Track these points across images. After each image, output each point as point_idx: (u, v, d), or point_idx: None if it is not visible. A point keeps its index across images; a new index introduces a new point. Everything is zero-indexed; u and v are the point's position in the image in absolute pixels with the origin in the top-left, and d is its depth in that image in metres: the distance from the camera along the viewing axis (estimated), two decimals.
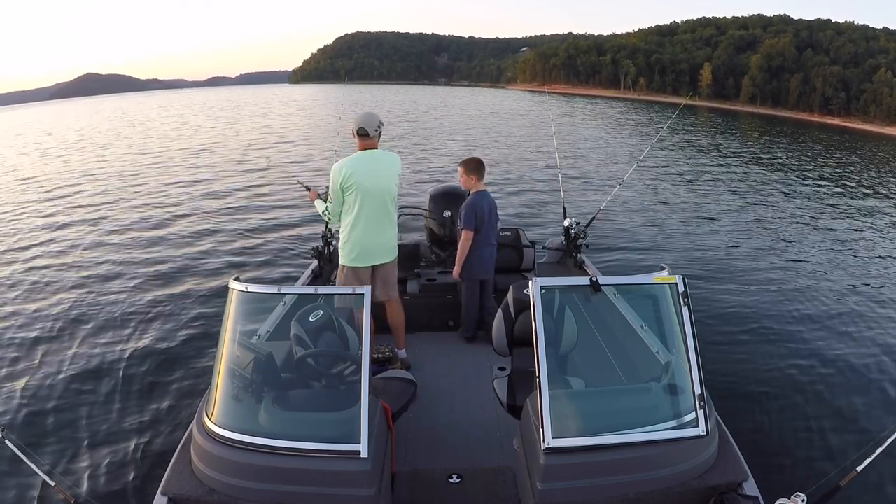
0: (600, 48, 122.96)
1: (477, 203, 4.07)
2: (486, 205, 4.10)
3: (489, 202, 4.15)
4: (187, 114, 47.09)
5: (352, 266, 3.61)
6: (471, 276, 4.20)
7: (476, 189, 4.13)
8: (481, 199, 4.10)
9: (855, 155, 27.46)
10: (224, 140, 25.86)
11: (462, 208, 4.10)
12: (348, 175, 3.44)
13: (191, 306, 6.48)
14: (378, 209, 3.54)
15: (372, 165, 3.50)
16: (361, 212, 3.51)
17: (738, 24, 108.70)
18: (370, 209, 3.51)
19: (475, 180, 4.10)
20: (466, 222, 4.03)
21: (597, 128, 33.18)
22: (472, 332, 4.36)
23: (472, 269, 4.18)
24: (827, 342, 5.73)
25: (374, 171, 3.50)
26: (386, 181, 3.54)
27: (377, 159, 3.55)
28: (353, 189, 3.46)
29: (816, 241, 10.10)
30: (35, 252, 8.94)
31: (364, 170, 3.47)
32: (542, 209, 11.18)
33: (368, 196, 3.49)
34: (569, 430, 2.10)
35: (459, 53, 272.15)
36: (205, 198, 12.92)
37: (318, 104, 53.00)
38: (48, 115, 62.64)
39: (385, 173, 3.54)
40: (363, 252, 3.59)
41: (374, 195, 3.50)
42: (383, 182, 3.52)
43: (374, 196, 3.50)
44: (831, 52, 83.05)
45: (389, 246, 3.68)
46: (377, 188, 3.50)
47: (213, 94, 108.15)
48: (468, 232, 4.03)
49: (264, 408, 2.26)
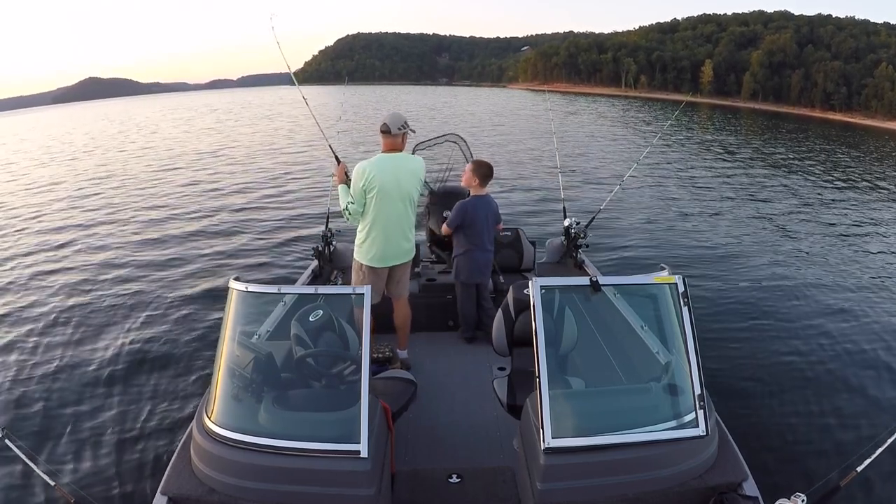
0: (601, 46, 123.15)
1: (469, 206, 4.05)
2: (480, 209, 4.06)
3: (487, 208, 4.10)
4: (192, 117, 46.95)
5: (370, 265, 3.63)
6: (463, 278, 4.21)
7: (476, 192, 4.12)
8: (477, 202, 4.08)
9: (857, 150, 27.48)
10: (228, 141, 25.88)
11: (455, 206, 4.10)
12: (371, 177, 3.43)
13: (191, 306, 6.48)
14: (397, 212, 3.55)
15: (394, 168, 3.49)
16: (381, 213, 3.51)
17: (738, 21, 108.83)
18: (389, 211, 3.52)
19: (477, 184, 4.07)
20: (450, 221, 4.10)
21: (598, 126, 33.16)
22: (470, 332, 4.37)
23: (464, 272, 4.18)
24: (827, 342, 5.73)
25: (396, 174, 3.48)
26: (407, 185, 3.53)
27: (399, 162, 3.53)
28: (374, 191, 3.46)
29: (817, 239, 10.09)
30: (34, 252, 8.96)
31: (386, 172, 3.46)
32: (542, 209, 11.17)
33: (389, 198, 3.49)
34: (569, 430, 2.10)
35: (461, 53, 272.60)
36: (205, 198, 12.93)
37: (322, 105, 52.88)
38: (52, 121, 62.24)
39: (406, 177, 3.53)
40: (380, 253, 3.60)
41: (395, 198, 3.50)
42: (404, 186, 3.52)
43: (394, 199, 3.50)
44: (832, 48, 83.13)
45: (406, 248, 3.70)
46: (398, 191, 3.50)
47: (216, 97, 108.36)
48: (446, 227, 4.13)
49: (264, 407, 2.26)
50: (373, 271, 3.64)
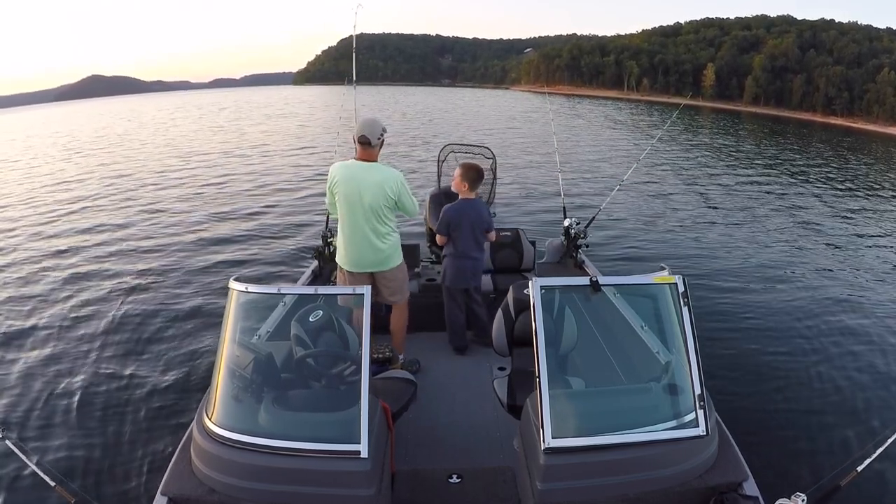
0: (604, 49, 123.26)
1: (454, 210, 3.94)
2: (465, 214, 3.93)
3: (473, 213, 3.95)
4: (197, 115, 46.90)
5: (345, 268, 3.62)
6: (447, 283, 4.09)
7: (464, 196, 3.99)
8: (462, 207, 3.95)
9: (858, 154, 27.45)
10: (229, 140, 25.88)
11: (441, 211, 4.04)
12: (335, 182, 3.42)
13: (191, 306, 6.48)
14: (358, 221, 3.44)
15: (358, 180, 3.37)
16: (344, 219, 3.49)
17: (741, 25, 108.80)
18: (352, 220, 3.45)
19: (466, 188, 3.94)
20: (437, 227, 4.04)
21: (598, 128, 33.16)
22: (458, 340, 4.18)
23: (448, 277, 4.08)
24: (827, 342, 5.73)
25: (360, 185, 3.37)
26: (369, 198, 3.37)
27: (366, 174, 3.38)
28: (338, 194, 3.44)
29: (818, 240, 10.10)
30: (34, 253, 8.95)
31: (350, 182, 3.38)
32: (542, 209, 11.17)
33: (349, 205, 3.42)
34: (569, 430, 2.10)
35: (463, 54, 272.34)
36: (205, 198, 12.93)
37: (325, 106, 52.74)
38: (56, 118, 62.17)
39: (371, 189, 3.37)
40: (348, 257, 3.57)
41: (356, 206, 3.40)
42: (367, 197, 3.37)
43: (355, 207, 3.40)
44: (834, 53, 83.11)
45: (376, 258, 3.55)
46: (359, 203, 3.39)
47: (220, 96, 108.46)
48: (440, 237, 4.05)
49: (264, 408, 2.26)
50: (350, 274, 3.60)
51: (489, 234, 4.10)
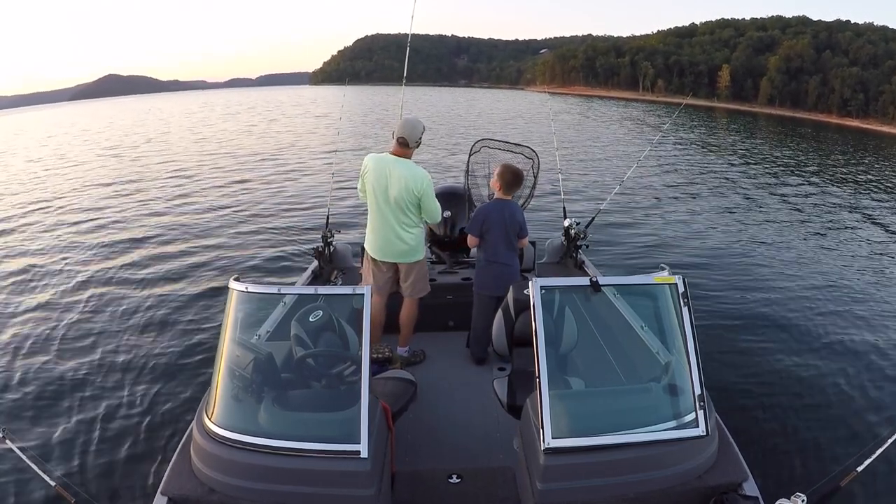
0: (619, 50, 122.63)
1: (484, 211, 3.78)
2: (496, 215, 3.72)
3: (505, 214, 3.73)
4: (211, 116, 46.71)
5: (370, 255, 3.78)
6: (476, 288, 3.93)
7: (498, 197, 3.80)
8: (493, 207, 3.76)
9: (872, 156, 27.33)
10: (238, 140, 25.85)
11: (475, 211, 3.97)
12: (366, 172, 3.59)
13: (191, 306, 6.48)
14: (385, 212, 3.60)
15: (388, 175, 3.52)
16: (372, 208, 3.66)
17: (756, 26, 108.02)
18: (378, 208, 3.62)
19: (500, 189, 3.75)
20: (468, 228, 3.88)
21: (607, 129, 33.07)
22: (479, 352, 3.97)
23: (477, 282, 3.93)
24: (828, 342, 5.72)
25: (388, 180, 3.52)
26: (395, 191, 3.52)
27: (397, 170, 3.51)
28: (368, 184, 3.60)
29: (818, 240, 10.09)
30: (34, 253, 8.95)
31: (381, 176, 3.53)
32: (542, 209, 11.16)
33: (377, 196, 3.58)
34: (569, 430, 2.10)
35: (479, 55, 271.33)
36: (205, 198, 12.92)
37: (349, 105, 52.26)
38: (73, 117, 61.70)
39: (397, 183, 3.50)
40: (374, 245, 3.74)
41: (381, 200, 3.57)
42: (393, 191, 3.52)
43: (382, 198, 3.57)
44: (850, 54, 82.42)
45: (399, 249, 3.69)
46: (385, 196, 3.55)
47: (236, 95, 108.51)
48: (471, 237, 3.86)
49: (264, 408, 2.26)
50: (373, 261, 3.77)
51: (522, 241, 3.89)
